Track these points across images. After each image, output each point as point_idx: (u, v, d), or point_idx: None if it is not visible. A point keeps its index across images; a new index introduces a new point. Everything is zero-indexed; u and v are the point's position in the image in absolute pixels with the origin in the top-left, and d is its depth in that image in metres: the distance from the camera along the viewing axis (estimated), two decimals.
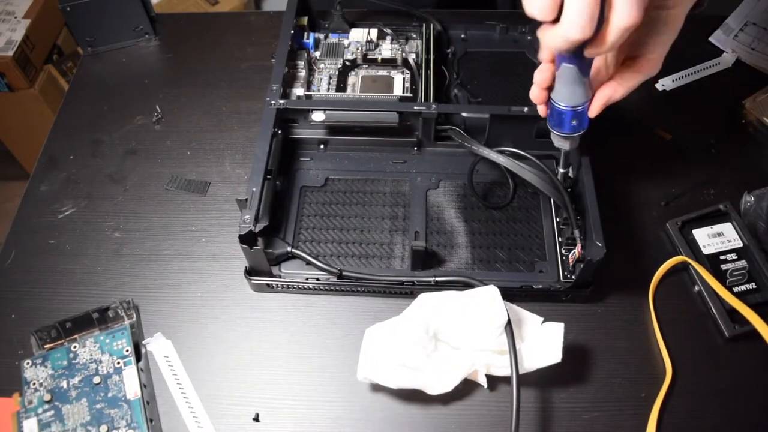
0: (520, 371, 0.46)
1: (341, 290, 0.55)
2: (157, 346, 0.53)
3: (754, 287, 0.54)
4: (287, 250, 0.55)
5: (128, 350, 0.51)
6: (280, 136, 0.59)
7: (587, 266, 0.50)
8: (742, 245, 0.56)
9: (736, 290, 0.54)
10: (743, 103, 0.65)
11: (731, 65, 0.70)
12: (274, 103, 0.58)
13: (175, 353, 0.53)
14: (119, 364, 0.51)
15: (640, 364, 0.52)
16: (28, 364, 0.51)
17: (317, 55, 0.68)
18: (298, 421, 0.50)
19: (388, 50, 0.69)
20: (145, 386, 0.51)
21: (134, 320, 0.54)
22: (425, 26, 0.69)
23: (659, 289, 0.56)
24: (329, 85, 0.66)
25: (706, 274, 0.54)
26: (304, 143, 0.63)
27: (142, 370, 0.51)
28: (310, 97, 0.62)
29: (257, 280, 0.55)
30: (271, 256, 0.54)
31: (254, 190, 0.52)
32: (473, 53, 0.71)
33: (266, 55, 0.73)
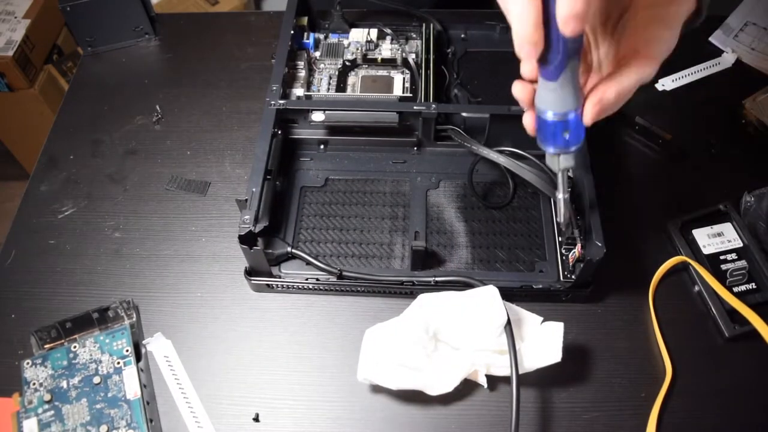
0: (520, 371, 0.46)
1: (341, 290, 0.55)
2: (157, 346, 0.53)
3: (754, 287, 0.54)
4: (287, 250, 0.55)
5: (128, 350, 0.51)
6: (280, 136, 0.59)
7: (587, 266, 0.50)
8: (742, 245, 0.56)
9: (736, 290, 0.54)
10: (743, 103, 0.65)
11: (731, 65, 0.70)
12: (274, 103, 0.58)
13: (175, 353, 0.53)
14: (119, 364, 0.51)
15: (640, 364, 0.52)
16: (28, 364, 0.51)
17: (317, 55, 0.68)
18: (298, 421, 0.50)
19: (388, 50, 0.69)
20: (145, 386, 0.51)
21: (134, 320, 0.54)
22: (425, 26, 0.69)
23: (659, 289, 0.56)
24: (329, 85, 0.65)
25: (706, 274, 0.54)
26: (304, 143, 0.63)
27: (142, 370, 0.51)
28: (310, 97, 0.62)
29: (257, 280, 0.55)
30: (271, 256, 0.54)
31: (254, 190, 0.52)
32: (473, 53, 0.71)
33: (266, 55, 0.73)
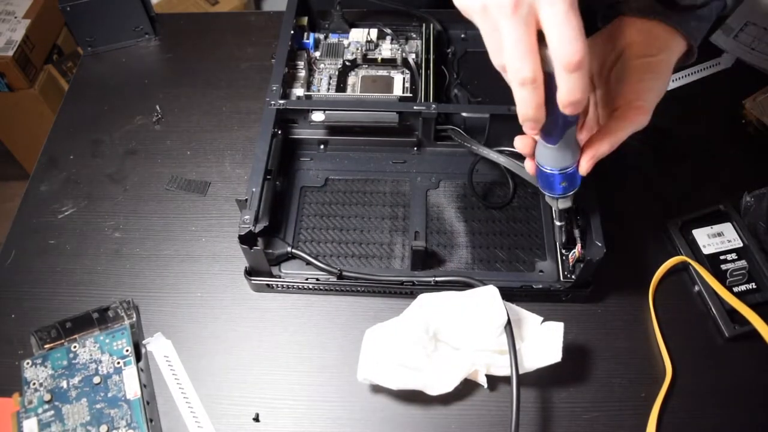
0: (520, 371, 0.46)
1: (341, 290, 0.55)
2: (157, 346, 0.53)
3: (754, 287, 0.54)
4: (287, 250, 0.55)
5: (128, 350, 0.51)
6: (280, 136, 0.59)
7: (587, 266, 0.50)
8: (742, 245, 0.56)
9: (736, 290, 0.54)
10: (743, 103, 0.65)
11: (731, 65, 0.70)
12: (274, 103, 0.58)
13: (175, 353, 0.53)
14: (119, 364, 0.51)
15: (640, 364, 0.52)
16: (28, 364, 0.51)
17: (317, 55, 0.68)
18: (298, 421, 0.50)
19: (388, 50, 0.69)
20: (145, 386, 0.51)
21: (134, 320, 0.54)
22: (425, 26, 0.69)
23: (659, 289, 0.56)
24: (329, 85, 0.65)
25: (706, 274, 0.54)
26: (304, 143, 0.63)
27: (142, 370, 0.51)
28: (310, 97, 0.62)
29: (257, 280, 0.55)
30: (271, 256, 0.54)
31: (254, 190, 0.52)
32: (473, 53, 0.71)
33: (266, 55, 0.73)
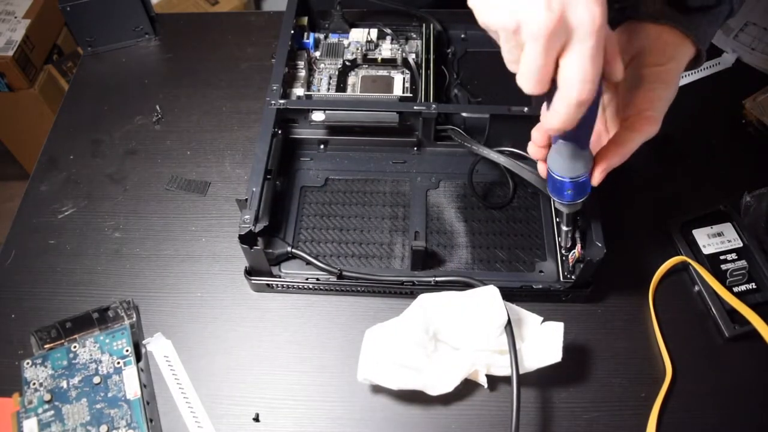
0: (520, 371, 0.46)
1: (341, 290, 0.55)
2: (157, 346, 0.53)
3: (754, 287, 0.54)
4: (287, 250, 0.55)
5: (128, 350, 0.51)
6: (280, 136, 0.59)
7: (587, 266, 0.50)
8: (742, 245, 0.56)
9: (736, 290, 0.54)
10: (743, 103, 0.65)
11: (731, 65, 0.70)
12: (274, 103, 0.58)
13: (175, 353, 0.53)
14: (119, 364, 0.51)
15: (640, 364, 0.52)
16: (28, 364, 0.51)
17: (317, 55, 0.68)
18: (298, 421, 0.50)
19: (388, 50, 0.69)
20: (145, 386, 0.51)
21: (134, 320, 0.54)
22: (425, 26, 0.69)
23: (659, 289, 0.56)
24: (329, 85, 0.65)
25: (706, 274, 0.54)
26: (304, 143, 0.63)
27: (142, 370, 0.51)
28: (310, 97, 0.62)
29: (257, 280, 0.55)
30: (271, 256, 0.54)
31: (254, 190, 0.52)
32: (473, 53, 0.71)
33: (266, 55, 0.73)
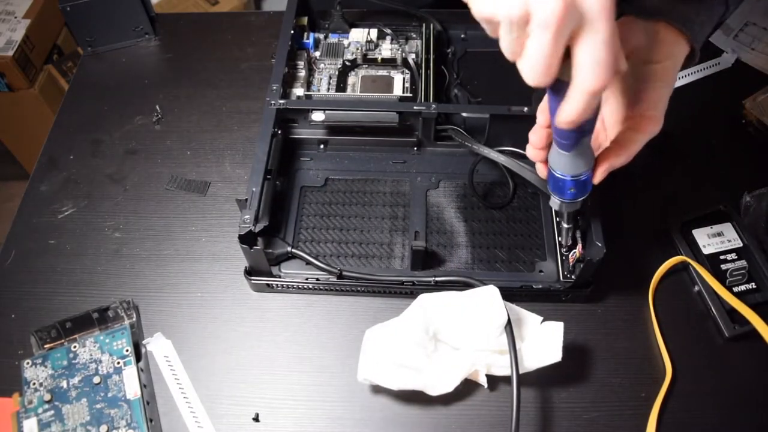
0: (520, 371, 0.46)
1: (341, 290, 0.55)
2: (157, 346, 0.53)
3: (754, 287, 0.54)
4: (287, 250, 0.55)
5: (128, 350, 0.51)
6: (280, 136, 0.59)
7: (587, 266, 0.50)
8: (742, 245, 0.56)
9: (736, 290, 0.54)
10: (743, 103, 0.65)
11: (731, 65, 0.70)
12: (274, 103, 0.58)
13: (175, 353, 0.53)
14: (119, 364, 0.51)
15: (640, 364, 0.52)
16: (28, 364, 0.51)
17: (317, 55, 0.68)
18: (298, 421, 0.50)
19: (388, 50, 0.69)
20: (145, 386, 0.51)
21: (134, 320, 0.54)
22: (425, 26, 0.69)
23: (659, 289, 0.56)
24: (329, 85, 0.65)
25: (706, 274, 0.54)
26: (304, 143, 0.63)
27: (142, 370, 0.51)
28: (310, 97, 0.62)
29: (257, 280, 0.55)
30: (271, 256, 0.54)
31: (254, 190, 0.52)
32: (473, 53, 0.71)
33: (266, 55, 0.73)
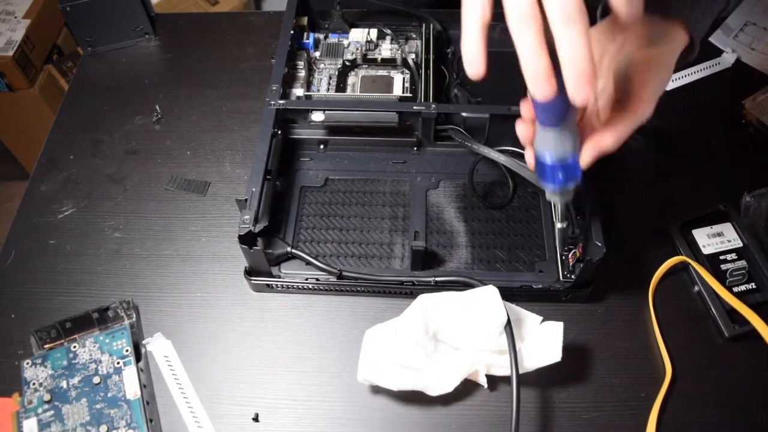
0: (520, 371, 0.46)
1: (341, 290, 0.55)
2: (157, 346, 0.53)
3: (754, 287, 0.54)
4: (287, 250, 0.55)
5: (128, 350, 0.51)
6: (280, 136, 0.59)
7: (587, 266, 0.50)
8: (742, 245, 0.56)
9: (736, 290, 0.54)
10: (743, 103, 0.65)
11: (731, 65, 0.70)
12: (274, 103, 0.58)
13: (175, 353, 0.53)
14: (119, 364, 0.51)
15: (640, 364, 0.52)
16: (28, 364, 0.51)
17: (317, 55, 0.68)
18: (298, 421, 0.50)
19: (387, 50, 0.69)
20: (144, 386, 0.51)
21: (134, 320, 0.54)
22: (425, 26, 0.69)
23: (659, 289, 0.56)
24: (329, 85, 0.65)
25: (706, 274, 0.54)
26: (304, 143, 0.63)
27: (141, 370, 0.51)
28: (309, 97, 0.62)
29: (257, 280, 0.55)
30: (270, 256, 0.54)
31: (254, 190, 0.52)
32: None
33: (266, 55, 0.73)
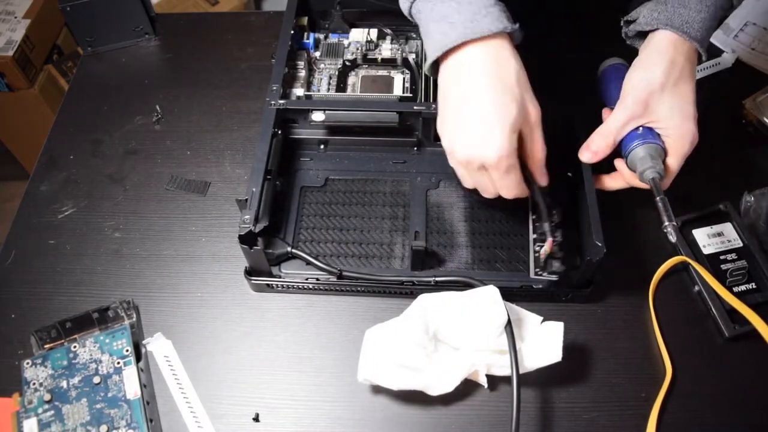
0: (520, 371, 0.46)
1: (341, 290, 0.55)
2: (157, 346, 0.53)
3: (754, 287, 0.54)
4: (287, 250, 0.55)
5: (128, 350, 0.51)
6: (280, 136, 0.59)
7: (587, 266, 0.50)
8: (742, 245, 0.56)
9: (736, 290, 0.54)
10: (743, 103, 0.65)
11: (731, 65, 0.70)
12: (274, 103, 0.58)
13: (175, 353, 0.53)
14: (119, 364, 0.51)
15: (640, 364, 0.52)
16: (28, 364, 0.51)
17: (317, 55, 0.68)
18: (298, 421, 0.50)
19: (388, 50, 0.69)
20: (145, 386, 0.51)
21: (134, 320, 0.54)
22: None
23: (659, 289, 0.56)
24: (329, 85, 0.65)
25: (706, 274, 0.54)
26: (304, 143, 0.63)
27: (142, 370, 0.51)
28: (310, 97, 0.62)
29: (257, 280, 0.55)
30: (271, 256, 0.54)
31: (254, 190, 0.52)
32: None
33: (266, 55, 0.73)
